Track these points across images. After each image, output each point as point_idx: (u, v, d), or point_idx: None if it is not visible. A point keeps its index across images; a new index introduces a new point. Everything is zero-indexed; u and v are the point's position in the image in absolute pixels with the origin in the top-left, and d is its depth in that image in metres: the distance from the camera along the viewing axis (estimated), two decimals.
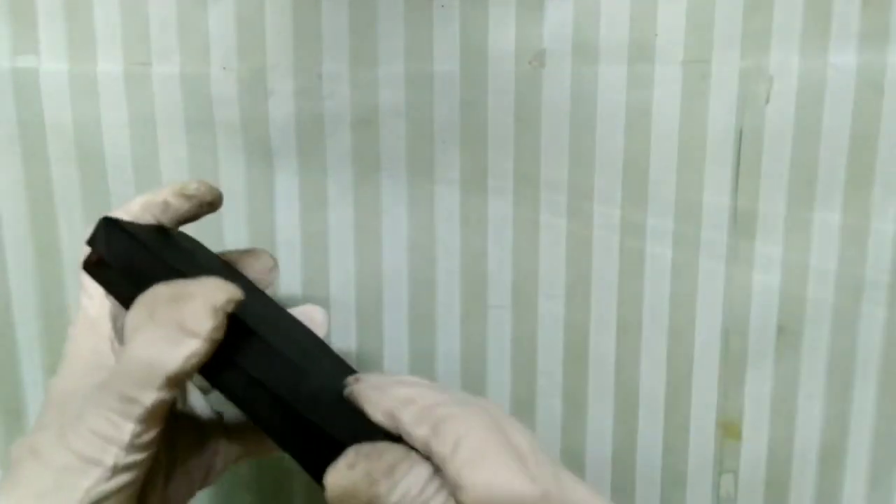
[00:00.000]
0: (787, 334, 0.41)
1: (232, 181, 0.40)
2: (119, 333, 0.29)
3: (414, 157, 0.40)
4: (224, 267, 0.33)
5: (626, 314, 0.41)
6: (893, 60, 0.38)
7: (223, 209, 0.40)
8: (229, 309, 0.26)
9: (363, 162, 0.40)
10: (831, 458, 0.42)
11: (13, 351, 0.42)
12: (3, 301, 0.41)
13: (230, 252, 0.34)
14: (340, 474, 0.25)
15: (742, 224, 0.40)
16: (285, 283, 0.41)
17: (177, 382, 0.25)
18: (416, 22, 0.38)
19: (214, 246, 0.41)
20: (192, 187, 0.31)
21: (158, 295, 0.26)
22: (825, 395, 0.42)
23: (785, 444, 0.42)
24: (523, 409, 0.42)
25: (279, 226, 0.40)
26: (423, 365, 0.42)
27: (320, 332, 0.32)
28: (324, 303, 0.41)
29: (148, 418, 0.25)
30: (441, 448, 0.25)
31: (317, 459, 0.26)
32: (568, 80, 0.39)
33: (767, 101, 0.39)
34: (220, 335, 0.26)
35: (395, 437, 0.26)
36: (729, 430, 0.42)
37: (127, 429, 0.25)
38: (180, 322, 0.25)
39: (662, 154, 0.39)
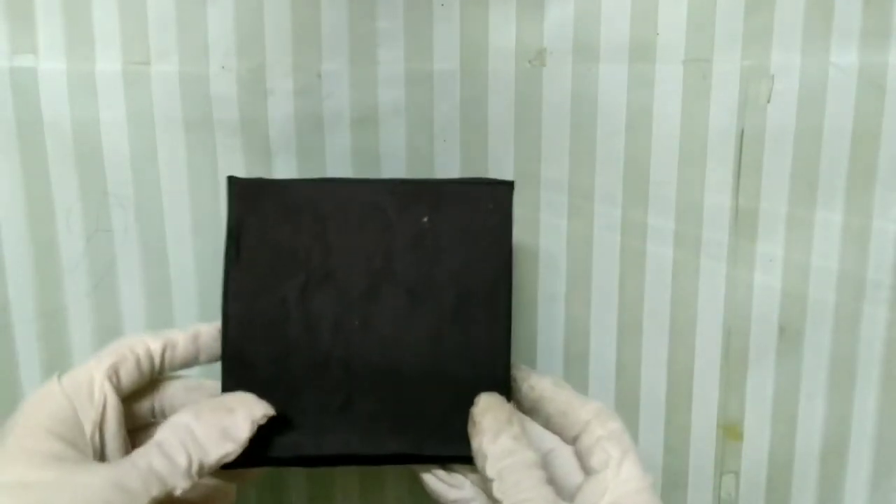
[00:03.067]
0: (789, 334, 0.41)
1: None
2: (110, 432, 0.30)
3: (414, 156, 0.40)
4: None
5: (627, 314, 0.41)
6: (895, 60, 0.38)
7: (222, 210, 0.40)
8: (262, 422, 0.31)
9: (363, 161, 0.39)
10: (833, 458, 0.42)
11: (11, 351, 0.41)
12: (2, 301, 0.41)
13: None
14: (496, 397, 0.32)
15: (743, 224, 0.40)
16: None
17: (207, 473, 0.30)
18: (416, 20, 0.38)
19: (214, 246, 0.40)
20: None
21: (203, 403, 0.31)
22: (827, 396, 0.42)
23: (786, 444, 0.42)
24: None
25: None
26: None
27: None
28: None
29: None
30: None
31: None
32: (568, 79, 0.39)
33: (769, 100, 0.39)
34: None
35: None
36: (730, 430, 0.42)
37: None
38: (223, 428, 0.30)
39: (663, 153, 0.39)
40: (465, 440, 0.32)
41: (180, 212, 0.40)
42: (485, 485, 0.30)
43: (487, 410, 0.31)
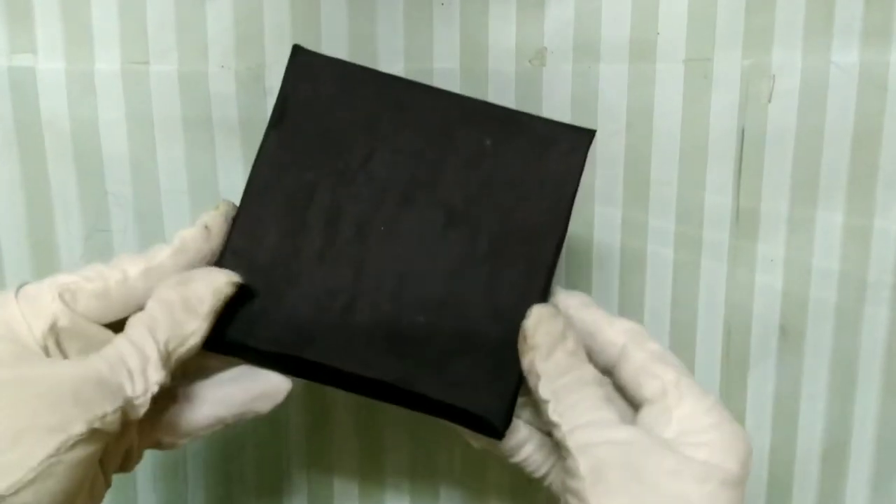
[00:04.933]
0: (790, 334, 0.41)
1: (230, 180, 0.40)
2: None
3: None
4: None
5: (627, 314, 0.41)
6: None
7: None
8: (228, 291, 0.29)
9: None
10: (834, 458, 0.42)
11: None
12: None
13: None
14: (549, 308, 0.29)
15: (744, 224, 0.40)
16: None
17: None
18: (416, 20, 0.38)
19: None
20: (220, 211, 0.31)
21: (163, 283, 0.28)
22: (828, 396, 0.42)
23: (787, 445, 0.42)
24: None
25: None
26: None
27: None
28: None
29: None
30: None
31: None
32: (568, 78, 0.38)
33: (769, 99, 0.39)
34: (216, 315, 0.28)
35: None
36: None
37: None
38: (184, 302, 0.28)
39: (664, 153, 0.39)
40: (461, 390, 0.29)
41: (179, 212, 0.40)
42: (538, 409, 0.28)
43: (540, 323, 0.28)
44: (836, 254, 0.40)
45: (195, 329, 0.28)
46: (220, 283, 0.28)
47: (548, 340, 0.28)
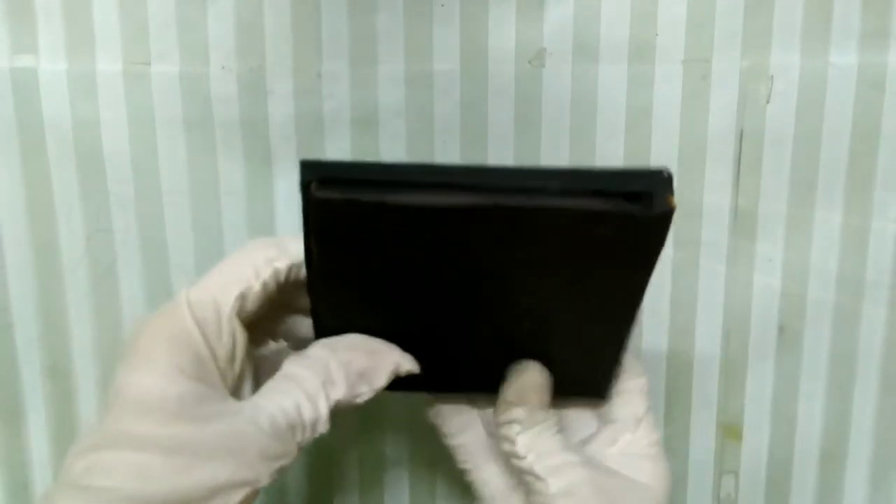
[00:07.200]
0: (788, 334, 0.41)
1: (231, 181, 0.40)
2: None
3: (414, 156, 0.40)
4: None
5: None
6: (894, 60, 0.38)
7: (222, 209, 0.40)
8: (402, 375, 0.30)
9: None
10: (832, 458, 0.42)
11: (12, 352, 0.41)
12: (2, 302, 0.41)
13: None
14: (536, 369, 0.32)
15: (742, 224, 0.40)
16: None
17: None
18: (416, 21, 0.38)
19: (214, 245, 0.40)
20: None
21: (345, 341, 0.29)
22: (826, 396, 0.42)
23: (786, 444, 0.42)
24: None
25: (279, 226, 0.40)
26: None
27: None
28: None
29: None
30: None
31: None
32: (568, 79, 0.39)
33: (768, 100, 0.39)
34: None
35: None
36: (729, 430, 0.42)
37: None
38: (362, 372, 0.29)
39: (663, 154, 0.39)
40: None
41: (180, 212, 0.40)
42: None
43: (522, 391, 0.31)
44: (834, 254, 0.40)
45: (365, 397, 0.29)
46: (405, 367, 0.30)
47: (527, 414, 0.31)
